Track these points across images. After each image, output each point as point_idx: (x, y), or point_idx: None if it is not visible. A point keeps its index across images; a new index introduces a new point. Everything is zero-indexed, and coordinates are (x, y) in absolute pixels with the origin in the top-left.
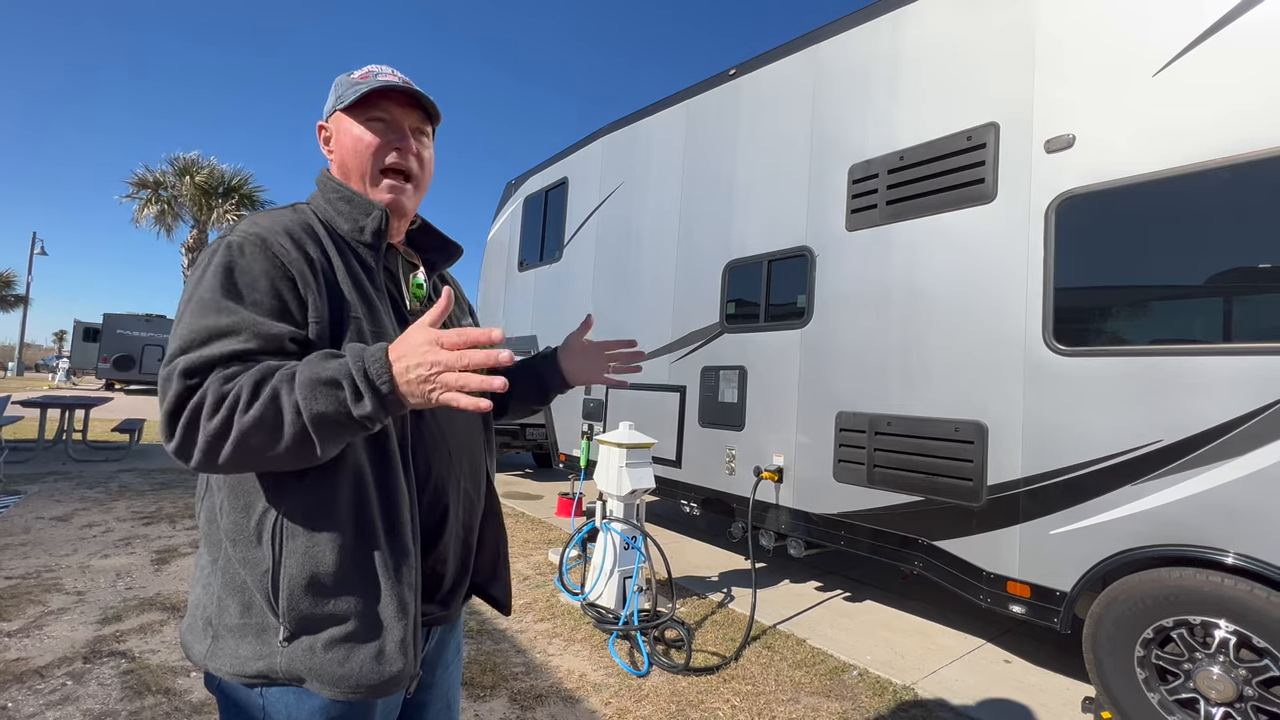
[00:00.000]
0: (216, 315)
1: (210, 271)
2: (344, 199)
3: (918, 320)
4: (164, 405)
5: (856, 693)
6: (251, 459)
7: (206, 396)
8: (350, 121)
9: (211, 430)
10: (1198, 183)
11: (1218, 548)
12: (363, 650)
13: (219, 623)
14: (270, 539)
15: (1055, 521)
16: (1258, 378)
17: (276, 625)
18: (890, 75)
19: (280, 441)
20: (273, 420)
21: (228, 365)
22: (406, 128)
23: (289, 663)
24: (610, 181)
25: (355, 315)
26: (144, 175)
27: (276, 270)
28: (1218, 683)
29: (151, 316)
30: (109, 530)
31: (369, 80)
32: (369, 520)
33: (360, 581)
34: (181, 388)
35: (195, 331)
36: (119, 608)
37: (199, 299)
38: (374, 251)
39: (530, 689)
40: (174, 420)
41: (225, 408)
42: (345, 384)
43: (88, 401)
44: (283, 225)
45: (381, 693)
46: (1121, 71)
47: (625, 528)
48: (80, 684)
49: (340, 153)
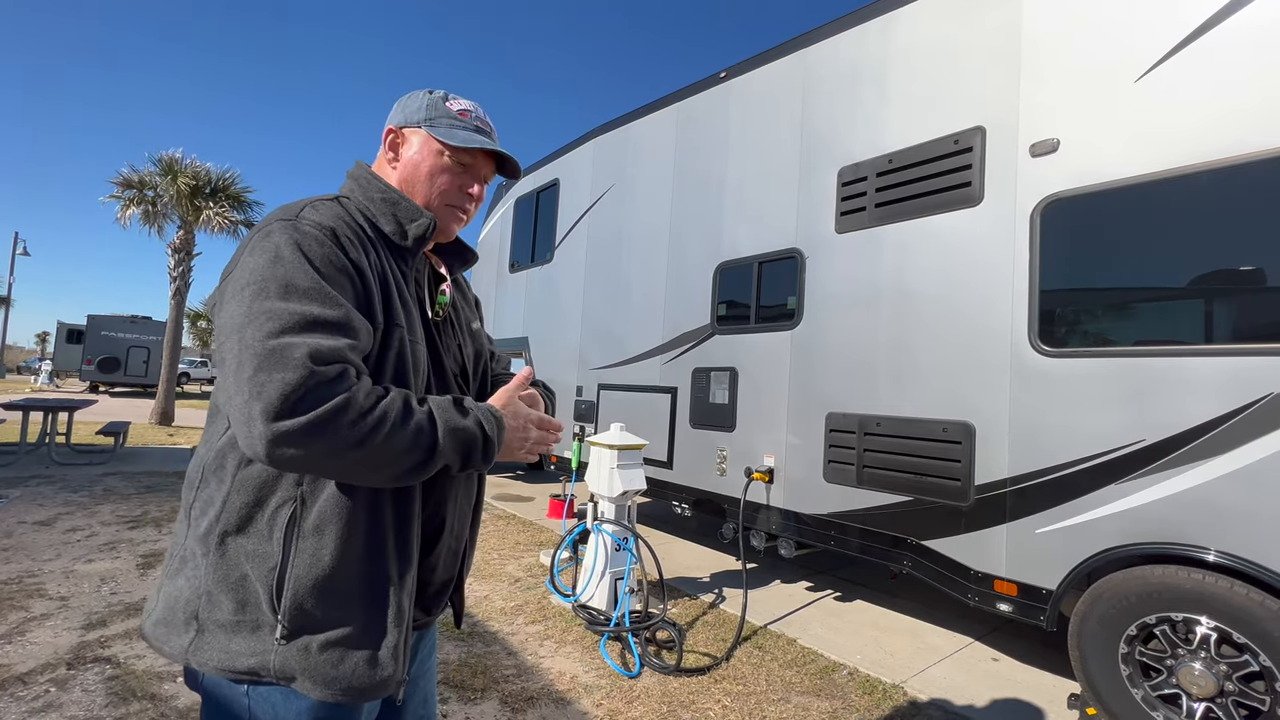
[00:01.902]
0: (320, 304)
1: (289, 253)
2: (389, 201)
3: (906, 322)
4: (277, 385)
5: (846, 692)
6: (354, 468)
7: (355, 398)
8: (437, 147)
9: (352, 437)
10: (1179, 187)
11: (1199, 545)
12: (357, 654)
13: (206, 617)
14: (282, 536)
15: (1041, 520)
16: (1238, 378)
17: (274, 623)
18: (879, 79)
19: (400, 465)
20: (409, 447)
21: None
22: (482, 175)
23: (282, 662)
24: (601, 183)
25: (399, 324)
26: (129, 175)
27: (351, 265)
28: (1199, 678)
29: (137, 318)
30: (93, 534)
31: (468, 123)
32: (381, 529)
33: (366, 587)
34: (308, 375)
35: (298, 315)
36: (104, 613)
37: (284, 280)
38: (412, 256)
39: (521, 691)
40: (306, 403)
41: (375, 417)
42: (479, 438)
43: (71, 404)
44: (341, 221)
45: (370, 696)
46: (1104, 77)
47: (617, 529)
48: (64, 690)
49: (409, 169)
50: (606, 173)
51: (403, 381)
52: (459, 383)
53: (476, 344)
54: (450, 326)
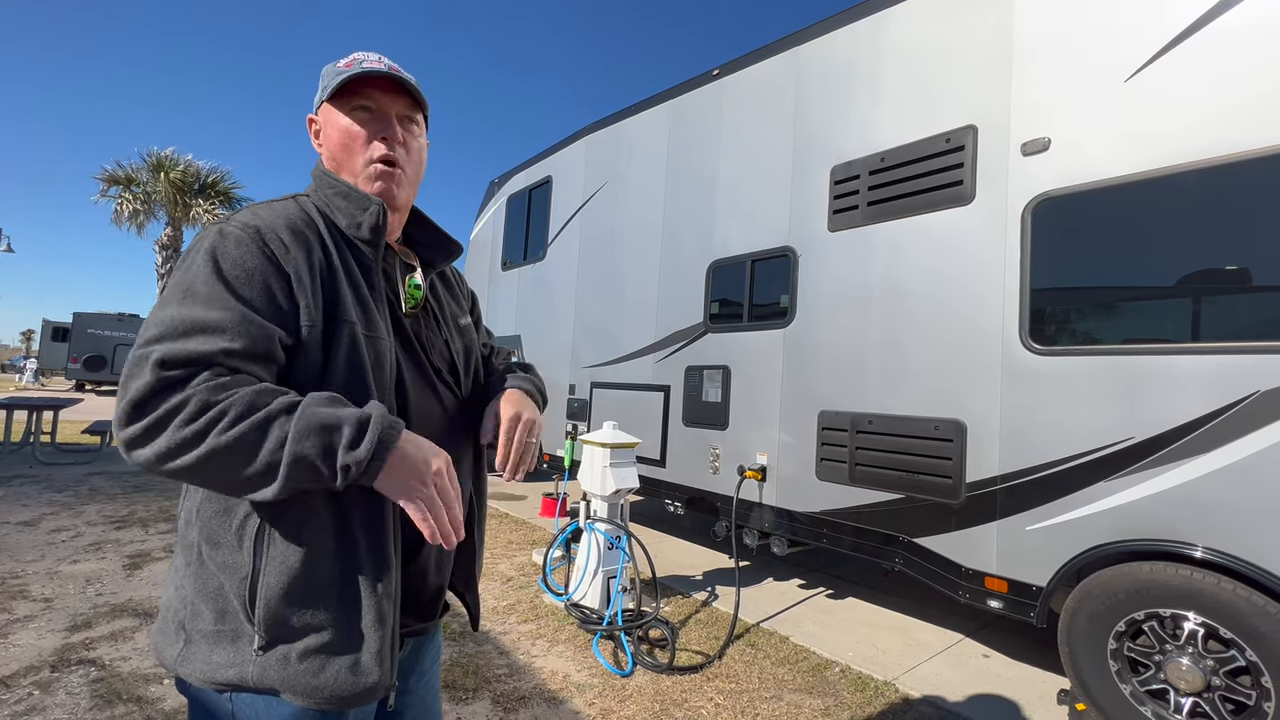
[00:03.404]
0: (205, 307)
1: (200, 259)
2: (340, 194)
3: (898, 320)
4: (129, 392)
5: (839, 689)
6: (202, 476)
7: (190, 401)
8: (336, 113)
9: (182, 437)
10: (1167, 186)
11: (1187, 542)
12: (338, 661)
13: (191, 627)
14: (252, 544)
15: (1031, 518)
16: (1225, 376)
17: (251, 633)
18: (871, 77)
19: (245, 469)
20: (249, 445)
21: (213, 366)
22: (393, 115)
23: (261, 672)
24: (594, 181)
25: (349, 319)
26: (115, 171)
27: (271, 266)
28: (1187, 673)
29: (124, 315)
30: (79, 535)
31: (353, 68)
32: (351, 531)
33: (339, 592)
34: (154, 379)
35: (178, 321)
36: (89, 614)
37: (185, 286)
38: (373, 249)
39: (513, 690)
40: (139, 412)
41: (206, 419)
42: (349, 428)
43: (56, 403)
44: (283, 219)
45: (355, 703)
46: (1095, 77)
47: (609, 528)
48: (47, 693)
49: (329, 145)
50: (599, 170)
51: (357, 377)
52: (447, 379)
53: (466, 339)
54: (436, 323)
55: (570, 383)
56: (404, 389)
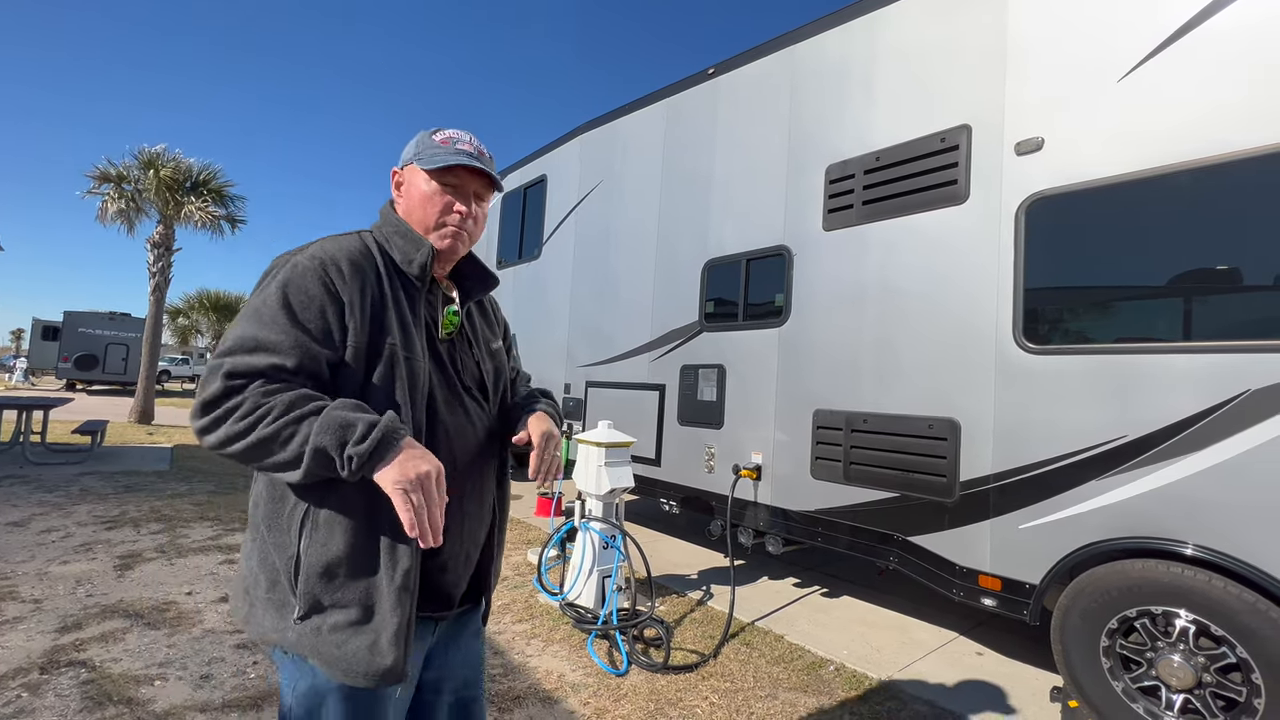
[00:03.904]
0: (269, 329)
1: (273, 287)
2: (399, 233)
3: (893, 319)
4: (203, 393)
5: (833, 687)
6: (250, 458)
7: (244, 402)
8: (425, 177)
9: (237, 429)
10: (1160, 186)
11: (1178, 540)
12: (359, 639)
13: (253, 594)
14: (298, 529)
15: (1025, 516)
16: (1216, 375)
17: (293, 604)
18: (866, 76)
19: (279, 455)
20: (283, 438)
21: (268, 377)
22: (471, 193)
23: (298, 638)
24: (589, 180)
25: (392, 341)
26: (105, 169)
27: (328, 294)
28: (1178, 670)
29: (115, 314)
30: (69, 535)
31: (449, 148)
32: (379, 527)
33: (365, 578)
34: (223, 387)
35: (245, 339)
36: (79, 616)
37: (256, 309)
38: (420, 282)
39: (508, 690)
40: (209, 410)
41: (254, 416)
42: (360, 427)
43: (46, 402)
44: (345, 252)
45: (373, 682)
46: (1087, 76)
47: (604, 527)
48: (36, 695)
49: (409, 199)
50: (594, 169)
51: (392, 390)
52: (477, 397)
53: (496, 362)
54: (468, 345)
55: (565, 382)
56: (434, 403)
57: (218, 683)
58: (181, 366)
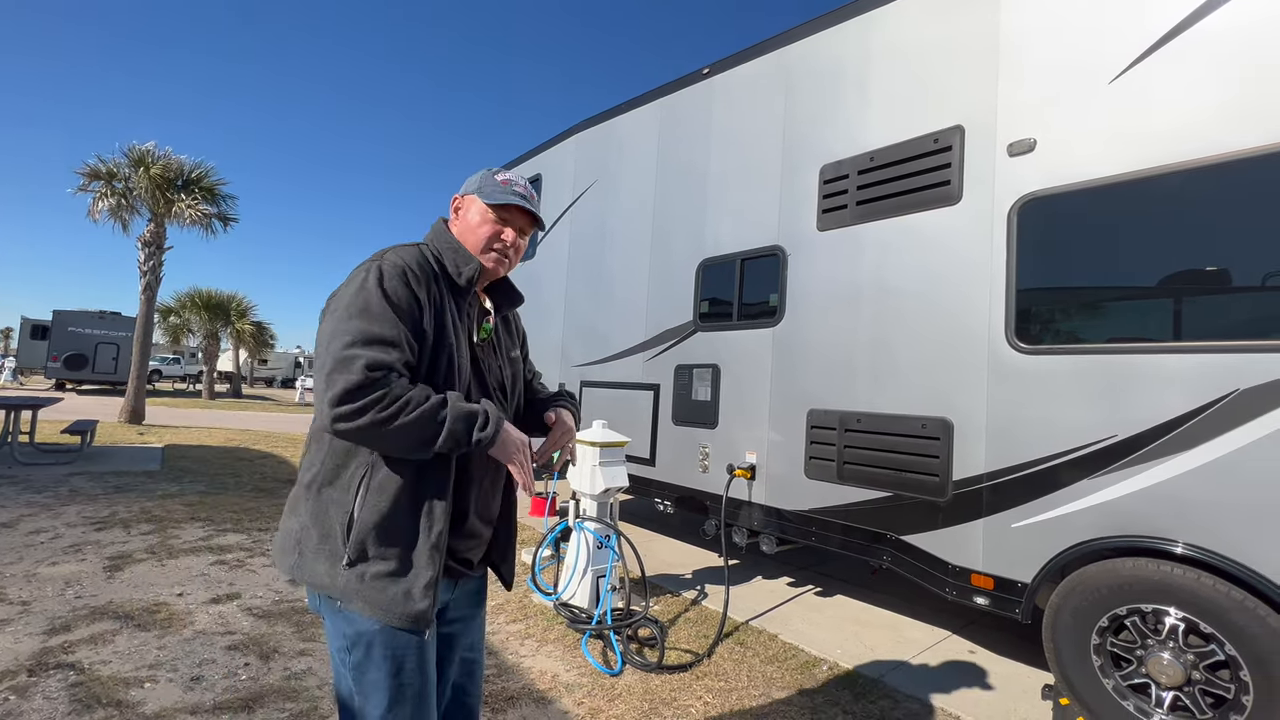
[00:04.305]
0: (385, 326)
1: (372, 284)
2: (452, 249)
3: (886, 319)
4: (343, 382)
5: (827, 686)
6: (386, 441)
7: (390, 391)
8: (483, 207)
9: (381, 417)
10: (1150, 187)
11: (1168, 538)
12: (397, 586)
13: (305, 544)
14: (356, 489)
15: (1017, 515)
16: (1205, 374)
17: (343, 553)
18: (860, 77)
19: (416, 437)
20: (425, 423)
21: (393, 370)
22: (518, 227)
23: (345, 583)
24: (584, 179)
25: (449, 342)
26: (96, 166)
27: (413, 296)
28: (1168, 667)
29: (105, 313)
30: (58, 536)
31: (508, 189)
32: (420, 494)
33: (406, 534)
34: (366, 377)
35: (369, 334)
36: (67, 617)
37: (363, 308)
38: (465, 293)
39: (502, 691)
40: (354, 397)
41: (398, 405)
42: (481, 418)
43: (35, 402)
44: (415, 260)
45: (407, 623)
46: (1080, 78)
47: (599, 526)
48: (24, 698)
49: (465, 222)
50: (589, 168)
51: (450, 381)
52: (498, 396)
53: (514, 368)
54: (493, 351)
55: (560, 382)
56: (469, 396)
57: (209, 684)
58: (173, 366)
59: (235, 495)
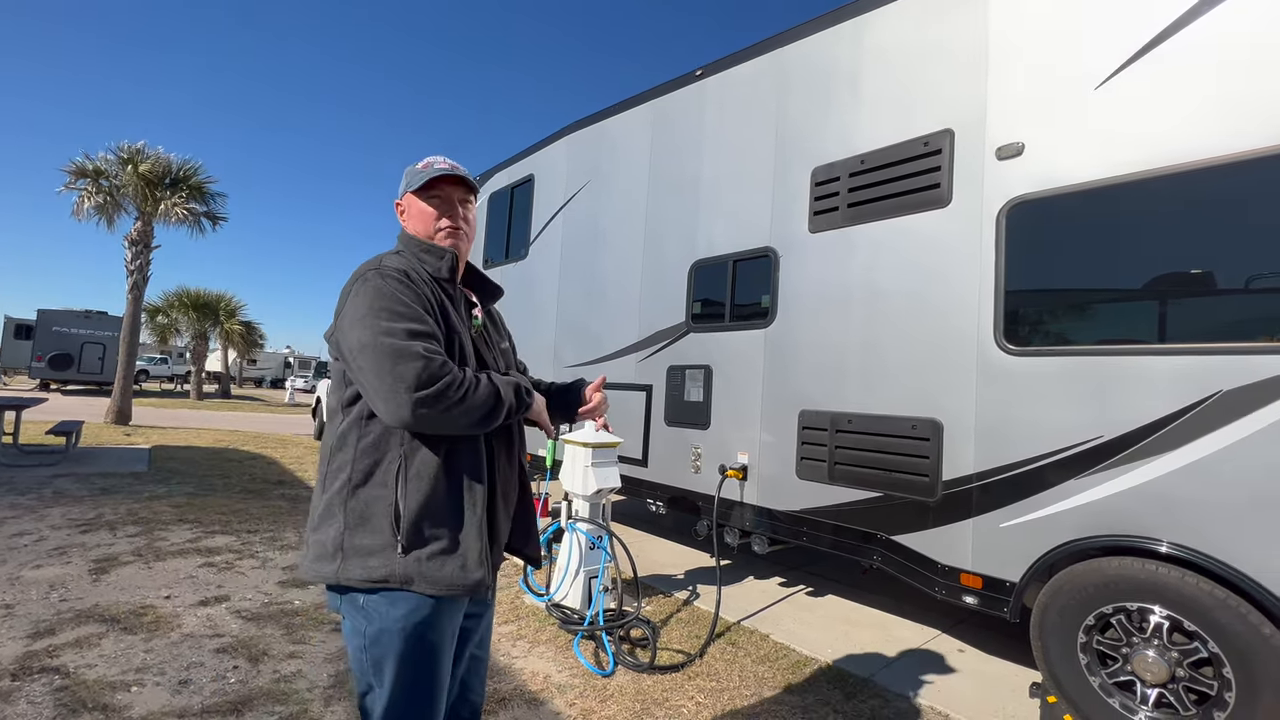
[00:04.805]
0: (418, 321)
1: (389, 285)
2: (425, 250)
3: (877, 321)
4: (413, 365)
5: (818, 686)
6: (459, 421)
7: (456, 379)
8: (418, 200)
9: (456, 398)
10: (1137, 191)
11: (1153, 538)
12: (453, 561)
13: (349, 545)
14: (394, 482)
15: (1005, 515)
16: (1190, 376)
17: (394, 543)
18: (852, 80)
19: (484, 411)
20: (491, 397)
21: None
22: (455, 200)
23: (404, 568)
24: (576, 180)
25: (458, 332)
26: (83, 164)
27: (419, 294)
28: (1153, 665)
29: (91, 313)
30: (42, 539)
31: (428, 170)
32: (457, 476)
33: (450, 515)
34: (428, 361)
35: (413, 328)
36: (52, 621)
37: (388, 305)
38: (452, 286)
39: (493, 692)
40: (432, 382)
41: (464, 390)
42: (524, 391)
43: (19, 402)
44: (407, 265)
45: (468, 593)
46: (1067, 83)
47: (591, 527)
48: (8, 703)
49: (413, 221)
50: (581, 169)
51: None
52: None
53: (505, 360)
54: (485, 343)
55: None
56: None
57: (197, 688)
58: (160, 366)
59: (224, 497)
